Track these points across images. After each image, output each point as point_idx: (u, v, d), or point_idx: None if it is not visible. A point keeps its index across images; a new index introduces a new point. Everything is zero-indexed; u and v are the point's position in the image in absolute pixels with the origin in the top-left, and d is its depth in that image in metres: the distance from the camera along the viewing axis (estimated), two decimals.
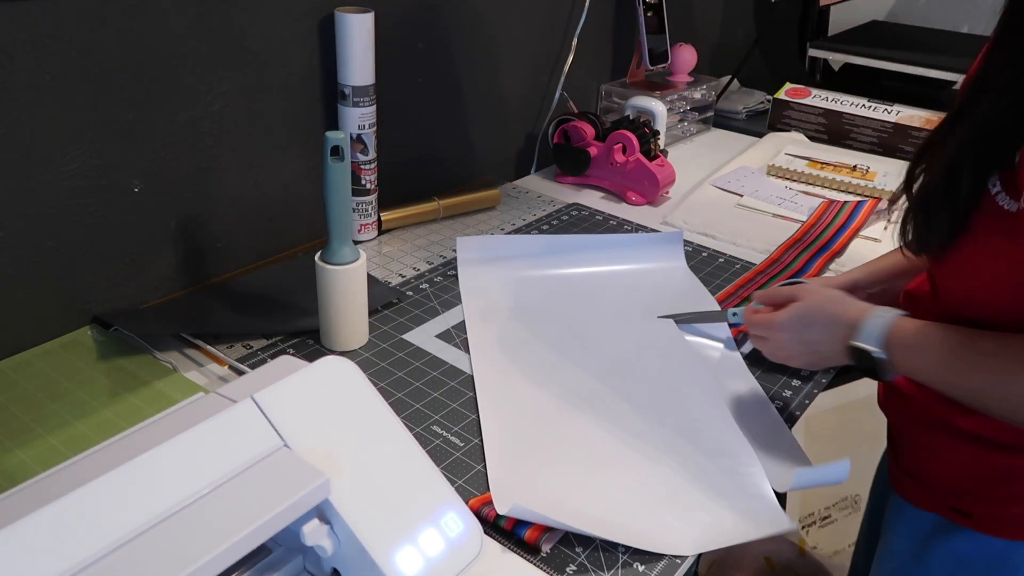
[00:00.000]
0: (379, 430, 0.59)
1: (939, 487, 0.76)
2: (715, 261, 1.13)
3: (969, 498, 0.74)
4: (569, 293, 1.03)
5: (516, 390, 0.84)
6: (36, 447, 0.73)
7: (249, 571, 0.55)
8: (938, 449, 0.75)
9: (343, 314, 0.87)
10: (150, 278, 0.96)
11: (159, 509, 0.48)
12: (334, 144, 0.79)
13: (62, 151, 0.84)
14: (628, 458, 0.75)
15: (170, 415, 0.56)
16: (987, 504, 0.73)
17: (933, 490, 0.77)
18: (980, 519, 0.74)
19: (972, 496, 0.74)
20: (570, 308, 1.00)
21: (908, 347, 0.67)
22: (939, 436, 0.74)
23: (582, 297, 1.02)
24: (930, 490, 0.77)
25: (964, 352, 0.64)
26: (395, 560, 0.53)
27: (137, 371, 0.84)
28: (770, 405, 0.83)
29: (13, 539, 0.44)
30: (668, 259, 1.10)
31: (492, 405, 0.81)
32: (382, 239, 1.16)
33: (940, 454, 0.75)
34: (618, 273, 1.08)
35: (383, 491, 0.56)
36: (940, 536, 0.76)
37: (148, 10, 0.86)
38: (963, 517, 0.74)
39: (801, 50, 1.79)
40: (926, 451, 0.77)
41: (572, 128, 1.35)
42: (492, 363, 0.88)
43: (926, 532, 0.77)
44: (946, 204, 0.66)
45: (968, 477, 0.74)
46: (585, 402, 0.82)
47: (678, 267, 1.09)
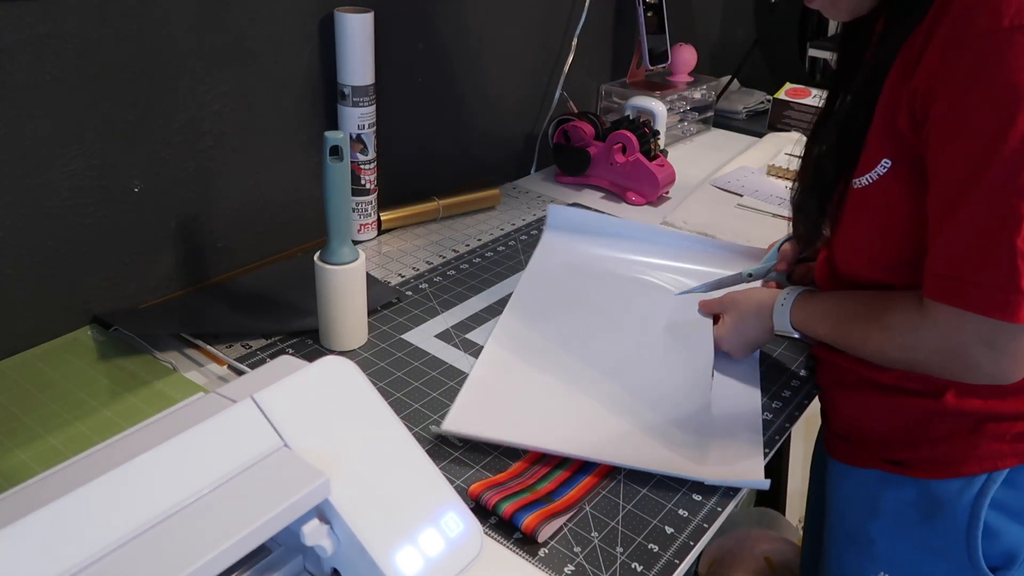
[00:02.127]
0: (379, 430, 0.59)
1: (871, 442, 0.82)
2: None
3: (900, 447, 0.79)
4: (625, 277, 1.06)
5: (528, 343, 0.91)
6: (36, 447, 0.73)
7: (249, 571, 0.55)
8: (865, 406, 0.81)
9: (342, 314, 0.87)
10: (150, 278, 0.96)
11: (159, 509, 0.48)
12: (333, 144, 0.79)
13: (62, 151, 0.84)
14: (603, 396, 0.83)
15: (170, 415, 0.56)
16: (916, 449, 0.78)
17: (866, 447, 0.82)
18: (913, 464, 0.79)
19: (902, 444, 0.79)
20: (617, 289, 1.03)
21: (803, 323, 0.82)
22: (864, 394, 0.81)
23: (635, 284, 1.05)
24: (864, 447, 0.82)
25: (839, 317, 0.78)
26: (395, 560, 0.53)
27: (137, 371, 0.84)
28: (757, 397, 0.86)
29: (13, 539, 0.44)
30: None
31: (497, 347, 0.90)
32: (382, 239, 1.16)
33: (868, 410, 0.81)
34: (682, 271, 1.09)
35: (383, 491, 0.56)
36: (884, 488, 0.81)
37: (148, 10, 0.86)
38: (898, 466, 0.79)
39: (801, 50, 1.79)
40: (855, 410, 0.83)
41: (572, 128, 1.35)
42: (522, 318, 0.96)
43: (870, 488, 0.82)
44: (814, 197, 0.80)
45: (895, 427, 0.79)
46: (587, 358, 0.89)
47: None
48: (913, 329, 0.68)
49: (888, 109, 0.69)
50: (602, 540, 0.67)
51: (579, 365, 0.88)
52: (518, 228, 1.21)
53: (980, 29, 0.60)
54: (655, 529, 0.68)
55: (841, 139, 0.75)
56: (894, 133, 0.69)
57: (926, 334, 0.67)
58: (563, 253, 1.11)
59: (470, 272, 1.07)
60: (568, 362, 0.88)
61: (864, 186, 0.72)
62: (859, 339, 0.75)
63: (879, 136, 0.71)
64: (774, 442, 0.80)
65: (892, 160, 0.70)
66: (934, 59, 0.64)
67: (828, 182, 0.78)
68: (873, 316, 0.73)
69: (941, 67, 0.63)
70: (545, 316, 0.97)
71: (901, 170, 0.70)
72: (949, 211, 0.64)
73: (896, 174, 0.70)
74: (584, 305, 1.00)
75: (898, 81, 0.68)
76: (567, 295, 1.02)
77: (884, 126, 0.70)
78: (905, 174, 0.69)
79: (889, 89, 0.70)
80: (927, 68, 0.64)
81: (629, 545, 0.67)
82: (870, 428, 0.82)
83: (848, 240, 0.77)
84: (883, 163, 0.70)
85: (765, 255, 1.00)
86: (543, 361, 0.88)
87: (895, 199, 0.71)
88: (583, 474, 0.73)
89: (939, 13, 0.64)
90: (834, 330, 0.79)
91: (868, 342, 0.74)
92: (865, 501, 0.82)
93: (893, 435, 0.80)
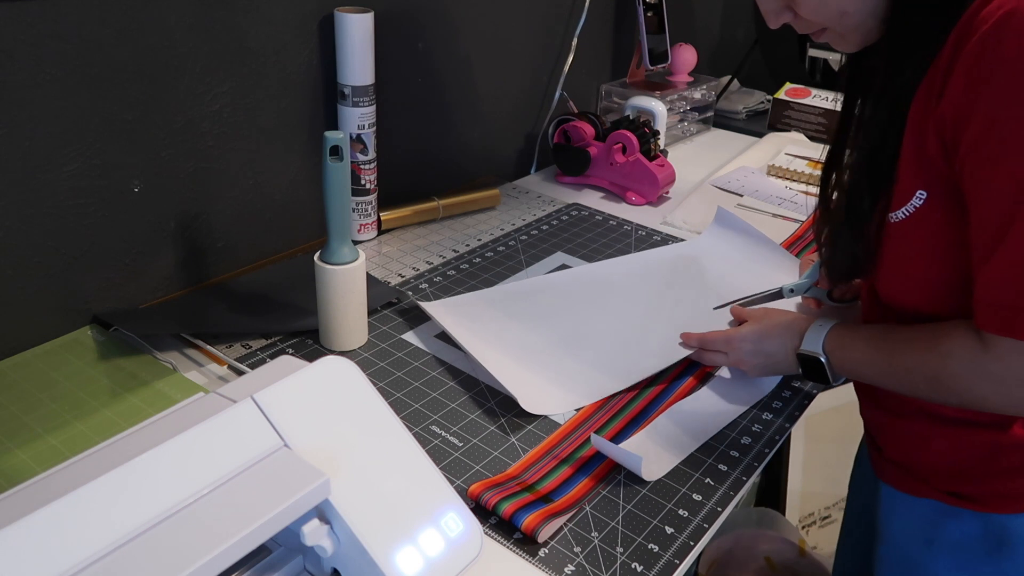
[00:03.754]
0: (379, 430, 0.59)
1: (932, 474, 0.78)
2: None
3: (963, 480, 0.76)
4: (571, 293, 1.03)
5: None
6: (36, 447, 0.73)
7: (249, 571, 0.55)
8: (925, 438, 0.78)
9: (342, 314, 0.87)
10: (150, 278, 0.96)
11: (159, 509, 0.48)
12: (333, 144, 0.79)
13: (62, 151, 0.84)
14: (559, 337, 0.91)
15: (170, 415, 0.56)
16: (981, 483, 0.75)
17: (927, 478, 0.79)
18: (978, 498, 0.76)
19: (965, 477, 0.76)
20: (574, 299, 1.02)
21: (840, 348, 0.78)
22: (923, 425, 0.77)
23: (588, 291, 1.04)
24: (923, 478, 0.79)
25: (882, 344, 0.73)
26: (395, 560, 0.53)
27: (137, 371, 0.84)
28: (726, 418, 0.84)
29: (13, 539, 0.44)
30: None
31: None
32: (382, 239, 1.16)
33: (928, 442, 0.78)
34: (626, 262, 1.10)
35: (383, 491, 0.56)
36: (945, 520, 0.78)
37: (148, 10, 0.86)
38: (962, 500, 0.76)
39: (801, 50, 1.79)
40: (913, 441, 0.80)
41: (572, 128, 1.35)
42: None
43: (929, 518, 0.79)
44: (849, 232, 0.75)
45: (958, 460, 0.76)
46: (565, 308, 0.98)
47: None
48: (975, 359, 0.65)
49: (916, 139, 0.67)
50: (602, 540, 0.67)
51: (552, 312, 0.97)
52: (518, 228, 1.21)
53: (1009, 52, 0.58)
54: (655, 529, 0.68)
55: (871, 172, 0.72)
56: (925, 163, 0.66)
57: (990, 365, 0.64)
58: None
59: (470, 272, 1.07)
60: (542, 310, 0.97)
61: (901, 220, 0.69)
62: (910, 366, 0.70)
63: (910, 167, 0.68)
64: (774, 442, 0.80)
65: (927, 191, 0.67)
66: (959, 85, 0.61)
67: (864, 217, 0.73)
68: (928, 343, 0.69)
69: (969, 93, 0.61)
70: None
71: (937, 200, 0.67)
72: (997, 238, 0.61)
73: (933, 204, 0.67)
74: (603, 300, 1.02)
75: (922, 110, 0.66)
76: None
77: (914, 157, 0.67)
78: (942, 203, 0.66)
79: (914, 118, 0.67)
80: (953, 94, 0.62)
81: (629, 545, 0.67)
82: (932, 460, 0.78)
83: (891, 275, 0.74)
84: (918, 195, 0.67)
85: (804, 272, 0.97)
86: (515, 307, 0.97)
87: (935, 230, 0.68)
88: (583, 474, 0.73)
89: (960, 37, 0.62)
90: (878, 356, 0.74)
91: (922, 368, 0.69)
92: (923, 531, 0.79)
93: (957, 468, 0.76)
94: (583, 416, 0.81)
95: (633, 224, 1.24)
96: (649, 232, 1.21)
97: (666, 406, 0.83)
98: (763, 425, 0.82)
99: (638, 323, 0.96)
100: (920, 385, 0.70)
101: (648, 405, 0.83)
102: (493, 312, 0.96)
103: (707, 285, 1.04)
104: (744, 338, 0.86)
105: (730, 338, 0.87)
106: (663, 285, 1.04)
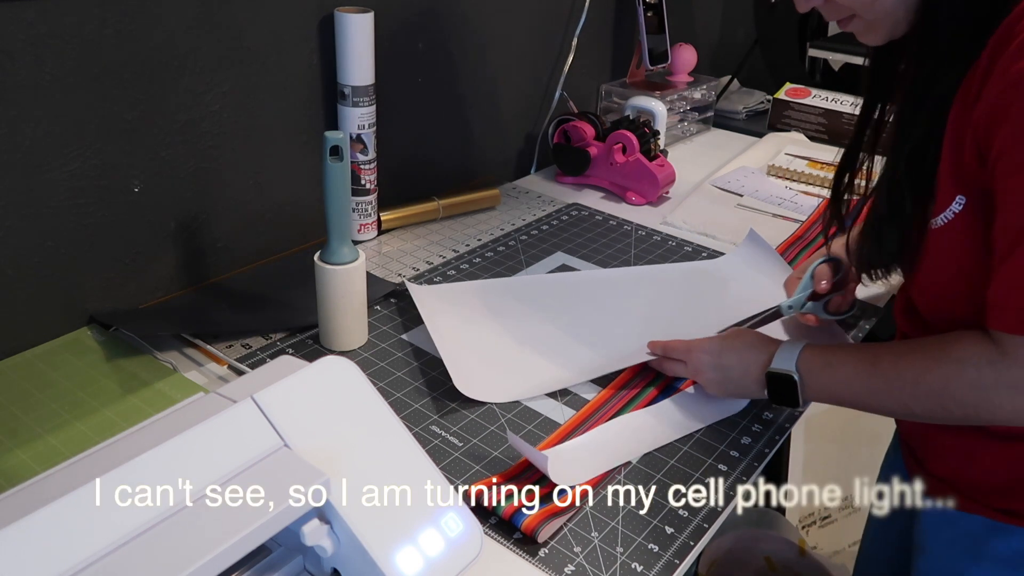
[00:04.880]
0: (379, 430, 0.59)
1: (980, 490, 0.76)
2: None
3: (1013, 496, 0.74)
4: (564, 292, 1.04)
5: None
6: (36, 447, 0.73)
7: (249, 571, 0.55)
8: (972, 453, 0.75)
9: (342, 314, 0.87)
10: (150, 278, 0.96)
11: (159, 509, 0.48)
12: (333, 144, 0.79)
13: (62, 151, 0.84)
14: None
15: (170, 415, 0.56)
16: None
17: (974, 494, 0.77)
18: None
19: (1016, 493, 0.74)
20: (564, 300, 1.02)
21: (818, 367, 0.74)
22: (971, 440, 0.75)
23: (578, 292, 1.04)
24: (971, 494, 0.77)
25: (883, 372, 0.70)
26: (395, 560, 0.53)
27: (137, 371, 0.84)
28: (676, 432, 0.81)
29: (13, 539, 0.44)
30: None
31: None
32: (382, 239, 1.16)
33: (976, 458, 0.75)
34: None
35: (383, 491, 0.56)
36: (993, 537, 0.76)
37: (148, 10, 0.86)
38: (1012, 516, 0.74)
39: (801, 50, 1.79)
40: (960, 456, 0.77)
41: (572, 128, 1.35)
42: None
43: (977, 534, 0.77)
44: (893, 228, 0.73)
45: (1008, 476, 0.74)
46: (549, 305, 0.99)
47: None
48: (992, 361, 0.63)
49: (954, 144, 0.66)
50: (602, 540, 0.67)
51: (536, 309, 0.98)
52: (518, 228, 1.21)
53: None
54: (655, 529, 0.68)
55: (912, 176, 0.71)
56: (962, 168, 0.66)
57: (1009, 370, 0.62)
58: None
59: (470, 272, 1.07)
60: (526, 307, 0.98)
61: (941, 226, 0.68)
62: (914, 378, 0.67)
63: (949, 173, 0.67)
64: (774, 442, 0.80)
65: (966, 196, 0.66)
66: (995, 89, 0.61)
67: (906, 221, 0.72)
68: (936, 352, 0.67)
69: (1003, 98, 0.61)
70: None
71: (976, 205, 0.66)
72: (1017, 241, 0.60)
73: (972, 210, 0.66)
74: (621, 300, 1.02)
75: (960, 115, 0.66)
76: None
77: (952, 162, 0.67)
78: (981, 209, 0.65)
79: (952, 124, 0.66)
80: (988, 99, 0.62)
81: (629, 545, 0.67)
82: (981, 477, 0.76)
83: (931, 282, 0.72)
84: (958, 200, 0.67)
85: (798, 285, 0.92)
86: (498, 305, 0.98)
87: (975, 236, 0.66)
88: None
89: (1000, 42, 0.62)
90: (869, 371, 0.71)
91: (928, 379, 0.66)
92: (969, 547, 0.77)
93: (1009, 485, 0.74)
94: (583, 416, 0.80)
95: (633, 224, 1.24)
96: (649, 232, 1.21)
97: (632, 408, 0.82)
98: (763, 425, 0.82)
99: (616, 326, 0.95)
100: (921, 400, 0.67)
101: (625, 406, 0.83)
102: (474, 302, 0.98)
103: (724, 305, 1.00)
104: (704, 349, 0.82)
105: (691, 347, 0.83)
106: (674, 297, 1.02)
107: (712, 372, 0.81)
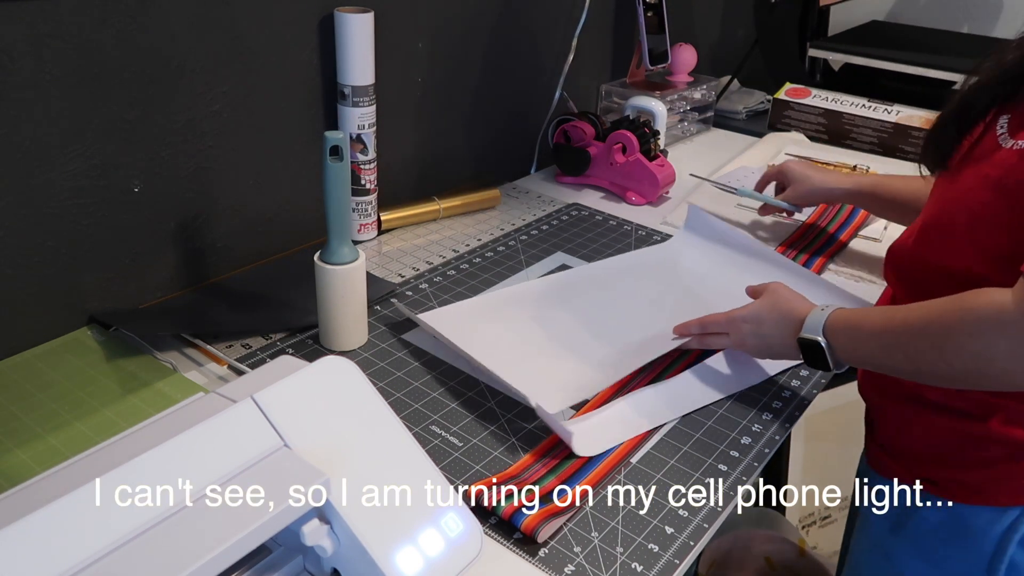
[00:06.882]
0: (379, 430, 0.59)
1: (910, 457, 0.80)
2: None
3: (936, 466, 0.78)
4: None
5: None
6: (36, 447, 0.73)
7: (249, 571, 0.55)
8: (910, 420, 0.80)
9: (342, 314, 0.87)
10: (150, 278, 0.96)
11: (159, 509, 0.48)
12: (333, 144, 0.79)
13: (62, 151, 0.84)
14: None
15: (170, 415, 0.56)
16: (951, 470, 0.76)
17: (905, 461, 0.81)
18: (945, 485, 0.77)
19: (939, 464, 0.77)
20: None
21: (842, 330, 0.75)
22: (910, 408, 0.79)
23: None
24: (902, 461, 0.81)
25: (893, 327, 0.70)
26: (395, 560, 0.53)
27: (137, 371, 0.84)
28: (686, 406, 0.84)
29: (13, 539, 0.44)
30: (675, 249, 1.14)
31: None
32: (382, 239, 1.16)
33: (911, 426, 0.80)
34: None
35: (383, 491, 0.56)
36: (913, 507, 0.79)
37: (148, 10, 0.86)
38: (933, 486, 0.78)
39: (801, 50, 1.79)
40: (899, 423, 0.82)
41: (572, 128, 1.35)
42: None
43: (900, 503, 0.81)
44: (954, 125, 0.74)
45: (936, 446, 0.77)
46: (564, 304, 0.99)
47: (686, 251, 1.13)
48: (999, 310, 0.61)
49: None
50: (602, 540, 0.67)
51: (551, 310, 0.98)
52: (518, 228, 1.21)
53: None
54: (655, 529, 0.68)
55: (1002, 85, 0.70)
56: None
57: (1014, 319, 0.60)
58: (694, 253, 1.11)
59: (470, 272, 1.07)
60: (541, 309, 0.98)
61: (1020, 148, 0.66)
62: (924, 324, 0.66)
63: None
64: (774, 442, 0.80)
65: None
66: None
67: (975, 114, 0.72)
68: (950, 301, 0.65)
69: None
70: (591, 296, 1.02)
71: None
72: None
73: None
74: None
75: None
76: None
77: None
78: None
79: None
80: None
81: (629, 545, 0.67)
82: (910, 443, 0.80)
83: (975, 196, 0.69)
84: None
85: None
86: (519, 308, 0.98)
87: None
88: (584, 473, 0.73)
89: None
90: (887, 326, 0.70)
91: (935, 326, 0.65)
92: (892, 515, 0.81)
93: (931, 453, 0.78)
94: (610, 392, 0.82)
95: (633, 224, 1.24)
96: (649, 232, 1.21)
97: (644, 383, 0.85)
98: (763, 425, 0.82)
99: (620, 322, 0.96)
100: (925, 353, 0.66)
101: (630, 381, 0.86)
102: (484, 319, 0.95)
103: (686, 285, 1.05)
104: (745, 319, 0.84)
105: (732, 318, 0.85)
106: (646, 284, 1.05)
107: (755, 339, 0.84)
